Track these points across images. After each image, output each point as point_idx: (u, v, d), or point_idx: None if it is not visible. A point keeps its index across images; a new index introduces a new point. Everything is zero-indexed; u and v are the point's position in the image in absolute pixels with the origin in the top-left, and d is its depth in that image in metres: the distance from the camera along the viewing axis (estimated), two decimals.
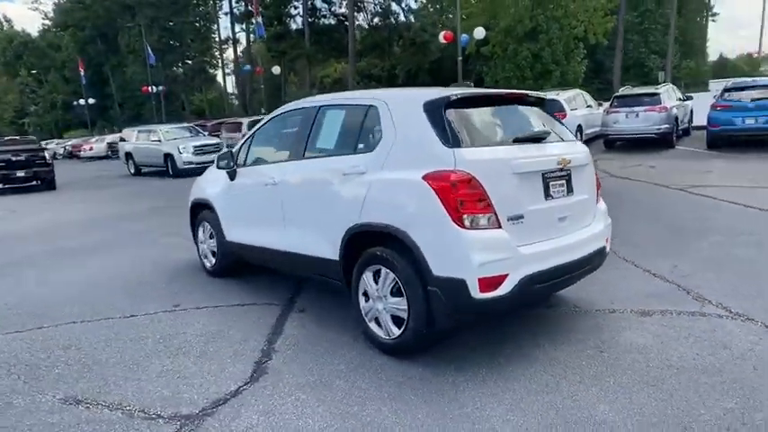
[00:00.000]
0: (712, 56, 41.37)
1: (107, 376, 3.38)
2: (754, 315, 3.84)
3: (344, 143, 3.91)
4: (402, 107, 3.47)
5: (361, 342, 3.66)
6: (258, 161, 4.82)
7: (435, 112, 3.28)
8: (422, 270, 3.12)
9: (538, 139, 3.51)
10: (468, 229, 3.00)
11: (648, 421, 2.65)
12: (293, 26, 32.82)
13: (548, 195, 3.37)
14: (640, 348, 3.42)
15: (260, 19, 27.00)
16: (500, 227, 3.08)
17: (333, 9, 33.56)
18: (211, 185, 5.29)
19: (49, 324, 4.34)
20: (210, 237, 5.39)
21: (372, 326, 3.54)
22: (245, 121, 22.03)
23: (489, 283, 3.01)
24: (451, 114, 3.27)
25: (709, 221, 6.60)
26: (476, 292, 2.99)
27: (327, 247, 3.79)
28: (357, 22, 32.01)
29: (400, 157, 3.32)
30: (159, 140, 17.35)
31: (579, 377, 3.11)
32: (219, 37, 40.43)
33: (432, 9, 39.94)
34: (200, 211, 5.54)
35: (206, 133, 19.54)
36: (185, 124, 20.18)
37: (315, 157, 4.04)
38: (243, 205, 4.80)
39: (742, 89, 13.04)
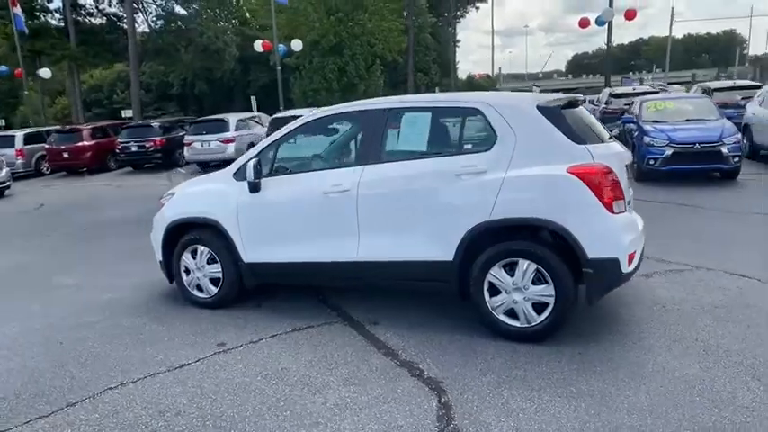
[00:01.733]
0: (461, 75, 49.49)
1: (287, 427, 2.82)
2: (706, 265, 5.13)
3: (441, 145, 3.95)
4: (514, 110, 3.70)
5: (480, 337, 3.74)
6: (294, 170, 4.39)
7: (554, 113, 3.63)
8: (575, 254, 3.44)
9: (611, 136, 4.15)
10: (615, 213, 3.45)
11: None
12: (53, 22, 27.46)
13: (628, 186, 4.02)
14: (681, 300, 4.32)
15: (18, 9, 21.70)
16: (626, 210, 3.61)
17: (102, 7, 29.20)
18: (214, 202, 4.55)
19: (83, 396, 3.26)
20: (210, 262, 4.62)
21: (503, 318, 3.68)
22: (20, 134, 17.98)
23: (631, 258, 3.52)
24: (567, 115, 3.67)
25: None
26: (625, 267, 3.46)
27: (434, 249, 3.77)
28: (138, 25, 28.64)
29: (529, 155, 3.56)
30: None
31: (681, 326, 3.82)
32: None
33: (205, 15, 38.11)
34: (188, 234, 4.69)
35: None
36: None
37: (401, 161, 3.94)
38: (282, 219, 4.28)
39: None
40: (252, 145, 17.53)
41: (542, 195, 3.50)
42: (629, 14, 17.94)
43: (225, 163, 16.29)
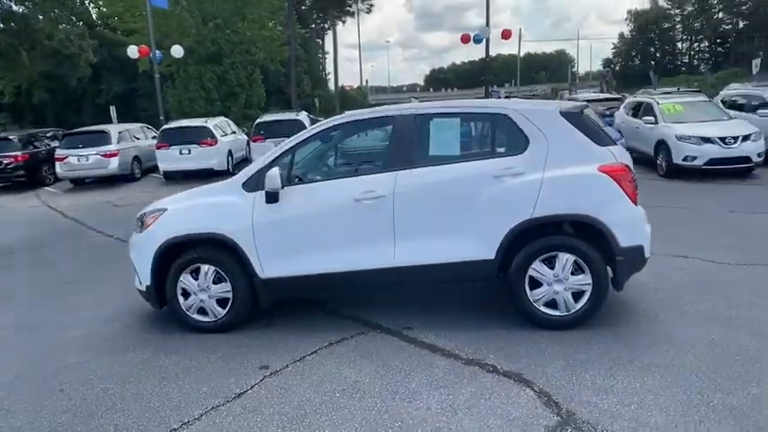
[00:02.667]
0: (332, 86, 49.98)
1: None
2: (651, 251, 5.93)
3: (473, 148, 4.08)
4: (542, 114, 3.99)
5: (518, 329, 3.94)
6: (314, 178, 4.23)
7: (576, 117, 3.99)
8: (609, 244, 3.81)
9: None
10: (637, 206, 3.90)
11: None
12: None
13: None
14: (656, 280, 4.91)
15: None
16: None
17: None
18: (222, 215, 4.17)
19: None
20: (217, 281, 4.23)
21: (544, 309, 3.94)
22: None
23: (648, 245, 3.99)
24: (585, 120, 4.06)
25: None
26: (647, 253, 3.93)
27: (476, 249, 3.90)
28: None
29: (561, 157, 3.86)
30: None
31: (675, 301, 4.39)
32: None
33: (42, 15, 33.68)
34: (187, 253, 4.24)
35: None
36: None
37: (434, 165, 4.00)
38: (307, 229, 4.07)
39: None
40: (137, 158, 16.00)
41: (580, 193, 3.82)
42: (506, 34, 19.91)
43: (109, 179, 14.71)
